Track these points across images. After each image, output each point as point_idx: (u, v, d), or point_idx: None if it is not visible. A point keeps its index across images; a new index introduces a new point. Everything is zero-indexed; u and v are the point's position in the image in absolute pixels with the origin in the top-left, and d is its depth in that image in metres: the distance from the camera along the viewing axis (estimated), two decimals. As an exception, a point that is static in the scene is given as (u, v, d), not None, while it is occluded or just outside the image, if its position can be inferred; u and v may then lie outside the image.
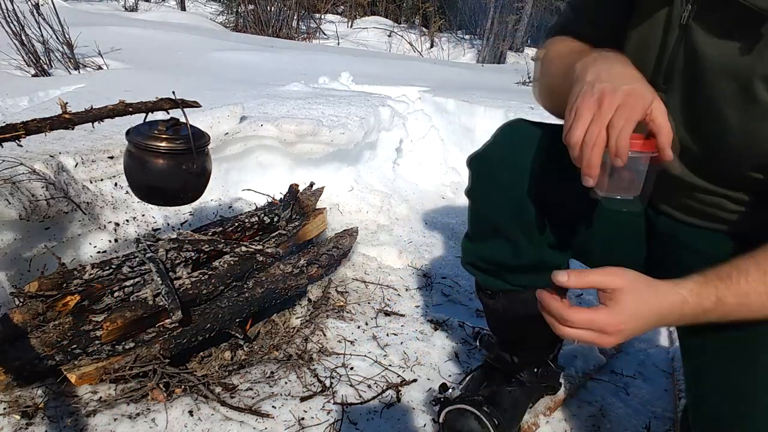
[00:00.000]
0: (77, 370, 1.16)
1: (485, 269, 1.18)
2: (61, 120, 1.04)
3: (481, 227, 1.13)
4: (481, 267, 1.18)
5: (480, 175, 1.07)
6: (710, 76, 0.79)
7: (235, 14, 8.40)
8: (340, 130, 2.24)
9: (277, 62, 4.29)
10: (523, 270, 1.11)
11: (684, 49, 0.83)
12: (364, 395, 1.34)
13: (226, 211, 2.05)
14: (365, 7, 10.14)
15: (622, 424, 1.38)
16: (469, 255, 1.20)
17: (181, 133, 1.16)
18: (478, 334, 1.63)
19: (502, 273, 1.15)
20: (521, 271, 1.12)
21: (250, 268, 1.50)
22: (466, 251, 1.20)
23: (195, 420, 1.20)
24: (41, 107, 2.26)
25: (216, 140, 1.98)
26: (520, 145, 1.02)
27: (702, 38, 0.80)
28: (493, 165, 1.04)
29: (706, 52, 0.79)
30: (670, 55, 0.85)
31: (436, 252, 2.17)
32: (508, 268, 1.13)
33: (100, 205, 1.69)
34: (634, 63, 0.92)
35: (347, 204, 2.36)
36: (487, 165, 1.05)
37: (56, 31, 3.10)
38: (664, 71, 0.86)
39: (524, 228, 1.03)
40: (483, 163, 1.06)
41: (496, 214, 1.05)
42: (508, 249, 1.08)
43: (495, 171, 1.03)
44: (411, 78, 4.15)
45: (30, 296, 1.24)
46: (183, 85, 2.89)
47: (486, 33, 7.95)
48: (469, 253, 1.19)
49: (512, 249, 1.07)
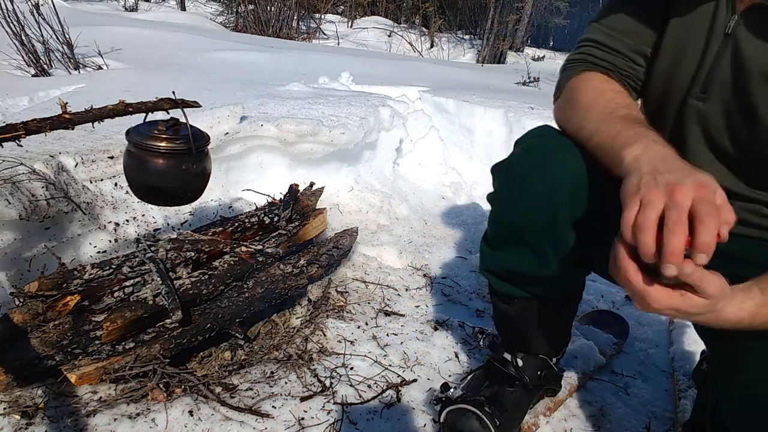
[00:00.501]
0: (77, 370, 1.16)
1: (504, 277, 1.15)
2: (61, 120, 1.04)
3: (506, 235, 1.08)
4: (500, 275, 1.15)
5: (510, 183, 1.02)
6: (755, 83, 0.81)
7: (235, 14, 8.40)
8: (340, 130, 2.24)
9: (277, 62, 4.29)
10: (544, 282, 1.10)
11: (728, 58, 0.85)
12: (364, 395, 1.34)
13: (226, 211, 2.05)
14: (365, 7, 10.15)
15: (622, 424, 1.38)
16: (488, 262, 1.16)
17: (181, 133, 1.17)
18: (479, 333, 1.63)
19: (521, 282, 1.13)
20: (541, 283, 1.10)
21: (250, 268, 1.50)
22: (486, 257, 1.16)
23: (195, 420, 1.20)
24: (41, 107, 2.26)
25: (216, 140, 1.98)
26: (553, 155, 0.98)
27: (748, 46, 0.82)
28: (525, 174, 0.99)
29: (751, 59, 0.81)
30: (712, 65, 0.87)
31: (436, 252, 2.18)
32: (529, 279, 1.11)
33: (100, 205, 1.69)
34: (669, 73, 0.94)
35: (347, 204, 2.36)
36: (518, 173, 1.01)
37: (56, 31, 3.10)
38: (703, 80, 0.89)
39: (554, 241, 1.00)
40: (514, 170, 1.01)
41: (525, 224, 1.01)
42: (532, 260, 1.05)
43: (527, 180, 0.99)
44: (411, 78, 4.15)
45: (30, 296, 1.24)
46: (183, 85, 2.89)
47: (486, 33, 7.95)
48: (488, 259, 1.16)
49: (537, 260, 1.04)
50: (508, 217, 1.04)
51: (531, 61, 7.54)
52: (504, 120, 2.99)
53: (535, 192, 0.97)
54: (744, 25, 0.83)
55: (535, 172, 0.97)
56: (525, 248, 1.04)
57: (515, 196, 1.01)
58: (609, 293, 2.02)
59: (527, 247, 1.03)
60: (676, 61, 0.93)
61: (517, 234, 1.03)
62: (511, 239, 1.06)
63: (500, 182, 1.05)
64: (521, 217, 1.01)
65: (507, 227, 1.06)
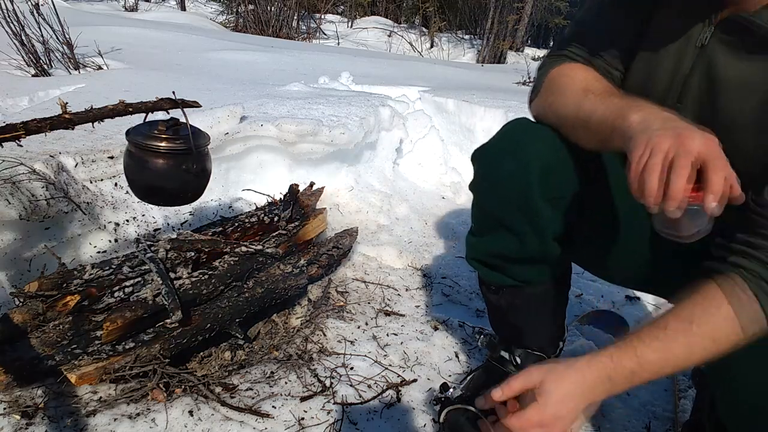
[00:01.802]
0: (77, 370, 1.16)
1: (490, 264, 1.19)
2: (61, 120, 1.04)
3: (485, 220, 1.14)
4: (485, 262, 1.19)
5: (483, 168, 1.08)
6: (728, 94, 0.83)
7: (235, 14, 8.41)
8: (340, 130, 2.24)
9: (277, 62, 4.29)
10: (528, 262, 1.13)
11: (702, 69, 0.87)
12: (364, 395, 1.34)
13: (226, 211, 2.05)
14: (365, 7, 10.15)
15: (622, 424, 1.38)
16: (473, 250, 1.21)
17: (181, 133, 1.17)
18: (479, 333, 1.63)
19: (506, 267, 1.17)
20: (526, 263, 1.13)
21: (250, 268, 1.50)
22: (471, 246, 1.21)
23: (195, 420, 1.20)
24: (41, 107, 2.26)
25: (216, 140, 1.98)
26: (524, 138, 1.03)
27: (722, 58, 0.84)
28: (496, 157, 1.05)
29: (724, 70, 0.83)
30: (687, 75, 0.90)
31: (436, 252, 2.18)
32: (513, 260, 1.14)
33: (100, 205, 1.69)
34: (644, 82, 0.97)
35: (347, 204, 2.36)
36: (490, 157, 1.06)
37: (56, 31, 3.09)
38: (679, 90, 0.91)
39: (529, 218, 1.04)
40: (486, 155, 1.07)
41: (500, 206, 1.06)
42: (513, 240, 1.09)
43: (498, 163, 1.04)
44: (411, 78, 4.15)
45: (30, 296, 1.24)
46: (183, 85, 2.89)
47: (486, 33, 7.95)
48: (473, 248, 1.20)
49: (517, 240, 1.08)
50: (486, 201, 1.10)
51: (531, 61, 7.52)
52: (504, 120, 2.99)
53: (507, 173, 1.02)
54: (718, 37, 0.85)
55: (507, 155, 1.03)
56: (505, 230, 1.08)
57: (490, 178, 1.06)
58: (609, 293, 2.02)
59: (507, 228, 1.08)
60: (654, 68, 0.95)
61: (496, 217, 1.08)
62: (492, 223, 1.11)
63: (477, 168, 1.10)
64: (496, 200, 1.06)
65: (486, 212, 1.12)
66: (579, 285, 2.04)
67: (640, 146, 0.73)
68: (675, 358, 0.77)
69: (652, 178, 0.70)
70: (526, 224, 1.05)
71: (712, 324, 0.76)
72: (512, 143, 1.04)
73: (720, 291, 0.77)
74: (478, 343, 1.60)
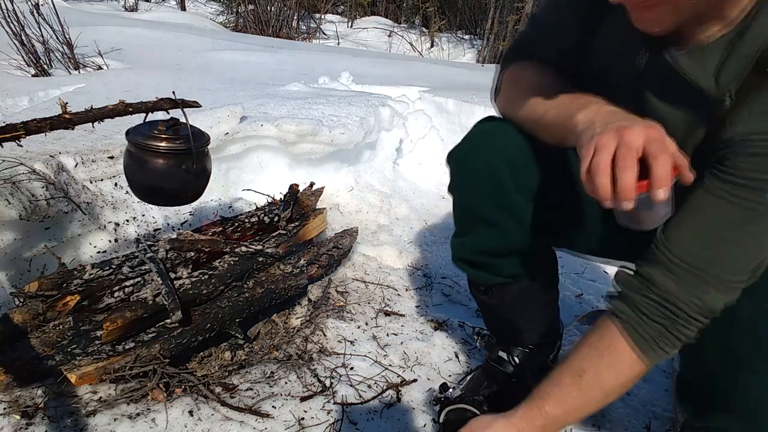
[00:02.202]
0: (77, 370, 1.16)
1: (475, 263, 1.21)
2: (61, 120, 1.04)
3: (466, 219, 1.17)
4: (470, 261, 1.22)
5: (457, 168, 1.11)
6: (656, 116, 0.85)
7: (235, 14, 8.40)
8: (340, 130, 2.24)
9: (277, 62, 4.29)
10: (512, 254, 1.15)
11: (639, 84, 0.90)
12: (364, 395, 1.34)
13: (226, 211, 2.05)
14: (365, 7, 10.14)
15: (622, 424, 1.38)
16: (458, 251, 1.23)
17: (181, 133, 1.17)
18: (477, 334, 1.63)
19: (492, 263, 1.19)
20: (510, 256, 1.16)
21: (250, 268, 1.50)
22: (455, 247, 1.24)
23: (195, 420, 1.20)
24: (41, 107, 2.26)
25: (216, 140, 1.98)
26: (493, 134, 1.07)
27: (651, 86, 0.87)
28: (468, 155, 1.08)
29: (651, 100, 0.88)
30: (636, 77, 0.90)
31: (436, 252, 2.17)
32: (497, 254, 1.17)
33: (100, 205, 1.69)
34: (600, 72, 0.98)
35: (347, 204, 2.36)
36: (462, 157, 1.09)
37: (56, 31, 3.09)
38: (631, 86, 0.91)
39: (507, 209, 1.07)
40: (458, 156, 1.10)
41: (478, 202, 1.09)
42: (494, 234, 1.11)
43: (471, 160, 1.07)
44: (411, 78, 4.15)
45: (30, 296, 1.24)
46: (183, 85, 2.89)
47: (486, 33, 7.95)
48: (458, 248, 1.23)
49: (499, 233, 1.10)
50: (465, 199, 1.14)
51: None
52: (504, 120, 2.99)
53: (479, 170, 1.07)
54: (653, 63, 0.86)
55: (476, 152, 1.08)
56: (486, 225, 1.11)
57: (465, 177, 1.10)
58: (609, 293, 2.02)
59: (487, 223, 1.10)
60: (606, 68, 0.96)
61: (475, 213, 1.11)
62: (472, 221, 1.14)
63: (451, 168, 1.13)
64: (473, 197, 1.10)
65: (465, 210, 1.15)
66: (579, 285, 2.04)
67: (585, 146, 0.75)
68: (575, 411, 0.87)
69: (600, 179, 0.71)
70: (505, 216, 1.08)
71: (600, 374, 0.85)
72: (480, 142, 1.08)
73: (609, 335, 0.86)
74: (476, 345, 1.60)
